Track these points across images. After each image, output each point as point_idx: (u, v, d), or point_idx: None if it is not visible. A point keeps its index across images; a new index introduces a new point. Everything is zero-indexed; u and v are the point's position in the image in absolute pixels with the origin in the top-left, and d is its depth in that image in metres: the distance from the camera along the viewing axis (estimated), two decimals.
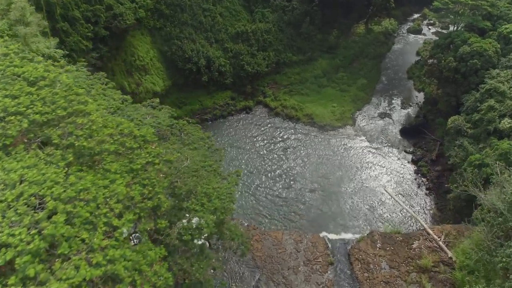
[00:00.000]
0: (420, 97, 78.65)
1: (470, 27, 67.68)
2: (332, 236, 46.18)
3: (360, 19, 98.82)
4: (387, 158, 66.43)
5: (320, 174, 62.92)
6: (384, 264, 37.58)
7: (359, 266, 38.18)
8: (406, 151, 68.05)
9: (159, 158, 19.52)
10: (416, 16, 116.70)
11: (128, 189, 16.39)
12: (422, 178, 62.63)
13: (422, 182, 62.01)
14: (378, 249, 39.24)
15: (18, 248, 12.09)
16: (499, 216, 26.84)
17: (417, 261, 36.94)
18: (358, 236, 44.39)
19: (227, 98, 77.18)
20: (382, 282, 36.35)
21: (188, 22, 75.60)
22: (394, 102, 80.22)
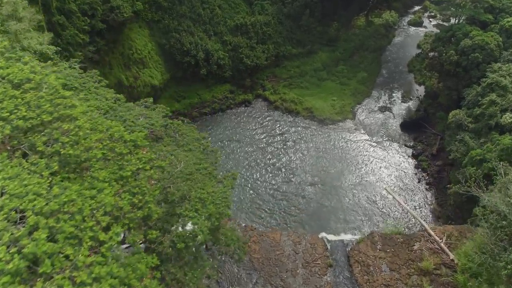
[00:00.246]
0: (420, 90, 77.96)
1: (471, 20, 66.78)
2: (331, 237, 45.48)
3: (360, 11, 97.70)
4: (387, 152, 65.89)
5: (320, 168, 62.46)
6: (384, 266, 36.90)
7: (359, 268, 37.49)
8: (406, 145, 67.48)
9: (150, 164, 18.83)
10: (417, 8, 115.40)
11: (117, 198, 15.71)
12: (423, 173, 62.12)
13: (423, 177, 61.51)
14: (378, 250, 38.54)
15: None
16: (503, 219, 26.28)
17: (418, 263, 36.24)
18: (358, 237, 43.78)
19: (226, 91, 76.46)
20: (382, 285, 35.61)
21: (186, 14, 74.61)
22: (394, 95, 79.50)
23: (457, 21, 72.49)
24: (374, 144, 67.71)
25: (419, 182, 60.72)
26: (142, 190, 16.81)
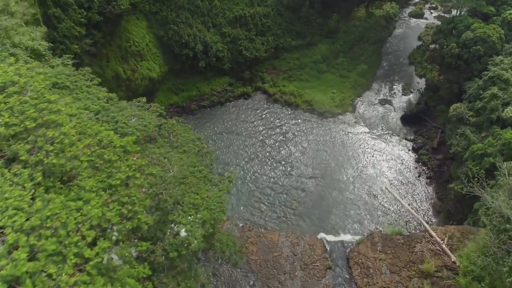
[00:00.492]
0: (421, 83, 77.22)
1: (473, 12, 65.88)
2: (330, 237, 44.81)
3: (360, 3, 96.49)
4: (388, 146, 65.37)
5: (319, 162, 62.03)
6: (384, 268, 36.24)
7: (359, 270, 36.82)
8: (406, 139, 66.92)
9: (141, 171, 18.09)
10: None
11: (106, 208, 14.99)
12: (423, 167, 61.67)
13: (423, 170, 61.05)
14: (378, 252, 37.84)
15: None
16: (507, 221, 25.66)
17: (419, 265, 35.56)
18: (358, 237, 43.13)
19: (225, 84, 75.73)
20: None
21: (184, 6, 73.65)
22: (395, 88, 78.80)
23: (458, 13, 71.53)
24: (374, 137, 67.17)
25: (420, 176, 60.25)
26: (132, 200, 16.09)
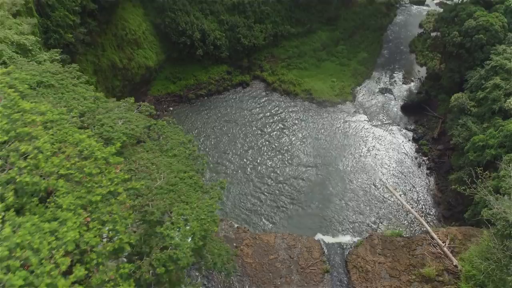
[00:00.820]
0: (422, 72, 76.26)
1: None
2: (328, 238, 44.02)
3: None
4: (388, 136, 64.69)
5: (319, 152, 61.47)
6: (384, 272, 35.19)
7: (357, 274, 35.83)
8: (407, 129, 66.15)
9: (124, 186, 16.90)
10: None
11: (84, 228, 13.87)
12: (423, 157, 61.03)
13: (423, 161, 60.45)
14: (377, 255, 36.84)
15: None
16: (511, 226, 24.85)
17: (419, 269, 34.66)
18: (356, 239, 42.33)
19: (223, 72, 74.65)
20: None
21: None
22: (395, 76, 77.79)
23: (461, 0, 70.23)
24: (374, 127, 66.44)
25: (420, 166, 59.66)
26: (114, 218, 14.92)
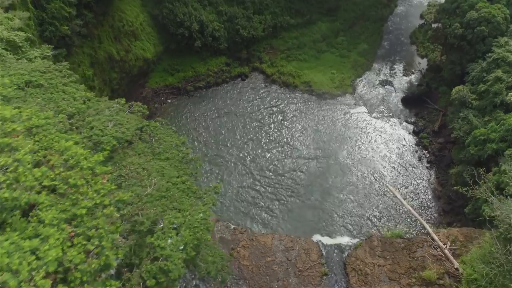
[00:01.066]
0: (423, 63, 75.40)
1: None
2: (326, 240, 43.36)
3: None
4: (388, 129, 64.16)
5: (318, 144, 61.10)
6: (383, 275, 34.45)
7: (356, 277, 35.05)
8: (407, 121, 65.54)
9: (110, 198, 16.01)
10: None
11: (68, 244, 13.17)
12: (423, 151, 60.51)
13: (423, 154, 59.98)
14: (377, 257, 36.08)
15: None
16: None
17: (420, 272, 33.95)
18: (355, 240, 41.70)
19: (222, 64, 73.85)
20: None
21: None
22: (395, 68, 76.95)
23: None
24: (374, 120, 65.88)
25: (420, 160, 59.21)
26: (99, 233, 14.17)
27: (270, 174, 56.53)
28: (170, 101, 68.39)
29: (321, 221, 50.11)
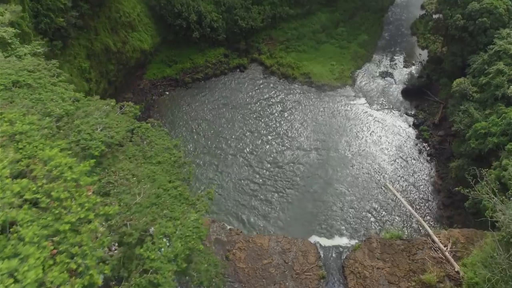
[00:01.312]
0: (423, 55, 74.51)
1: None
2: (324, 241, 42.56)
3: None
4: (388, 122, 63.58)
5: (318, 136, 60.60)
6: (382, 279, 33.65)
7: (354, 281, 34.25)
8: (407, 114, 64.90)
9: (96, 212, 15.14)
10: None
11: (50, 262, 12.41)
12: (424, 143, 59.95)
13: (423, 147, 59.44)
14: (376, 259, 35.28)
15: None
16: None
17: (420, 275, 33.15)
18: (354, 242, 41.06)
19: (220, 55, 73.01)
20: None
21: None
22: (396, 59, 76.14)
23: None
24: (374, 112, 65.25)
25: (420, 153, 58.69)
26: (83, 250, 13.40)
27: (269, 166, 56.13)
28: (168, 93, 67.73)
29: (320, 214, 49.80)
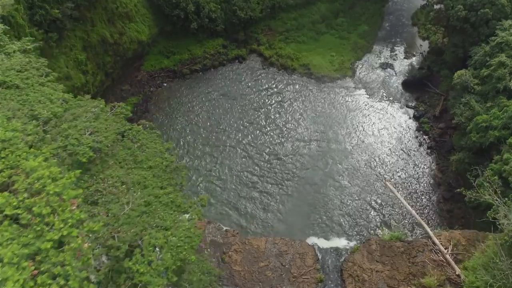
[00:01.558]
0: (424, 46, 73.68)
1: None
2: (322, 243, 42.09)
3: None
4: (388, 113, 63.05)
5: (317, 129, 60.15)
6: (381, 282, 32.94)
7: (353, 284, 33.50)
8: (408, 106, 64.30)
9: (79, 229, 14.22)
10: None
11: (30, 284, 11.70)
12: (424, 136, 59.45)
13: (424, 140, 58.99)
14: (375, 262, 34.53)
15: None
16: None
17: (420, 278, 32.42)
18: (353, 244, 40.48)
19: (219, 46, 72.16)
20: None
21: None
22: (396, 50, 75.30)
23: None
24: (374, 104, 64.69)
25: (420, 145, 58.24)
26: (66, 271, 12.61)
27: (269, 157, 55.82)
28: (166, 84, 67.11)
29: (319, 207, 49.60)
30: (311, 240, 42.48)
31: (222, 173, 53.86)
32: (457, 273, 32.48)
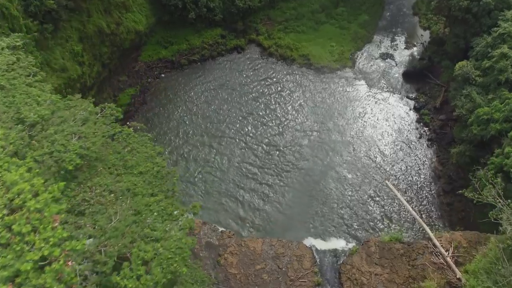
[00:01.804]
0: (425, 36, 72.84)
1: None
2: (320, 244, 41.49)
3: None
4: (388, 105, 62.51)
5: (316, 120, 59.62)
6: (380, 286, 32.27)
7: None
8: (408, 97, 63.65)
9: (62, 247, 13.53)
10: None
11: None
12: (424, 128, 58.86)
13: (424, 132, 58.41)
14: (374, 264, 33.78)
15: None
16: None
17: (419, 282, 31.71)
18: (351, 245, 39.82)
19: (217, 36, 71.32)
20: None
21: None
22: (397, 40, 74.52)
23: None
24: (374, 95, 64.07)
25: (421, 137, 57.70)
26: None
27: (268, 148, 55.38)
28: (163, 75, 66.45)
29: (319, 198, 49.24)
30: (309, 241, 42.08)
31: (221, 163, 53.48)
32: (458, 276, 31.85)
